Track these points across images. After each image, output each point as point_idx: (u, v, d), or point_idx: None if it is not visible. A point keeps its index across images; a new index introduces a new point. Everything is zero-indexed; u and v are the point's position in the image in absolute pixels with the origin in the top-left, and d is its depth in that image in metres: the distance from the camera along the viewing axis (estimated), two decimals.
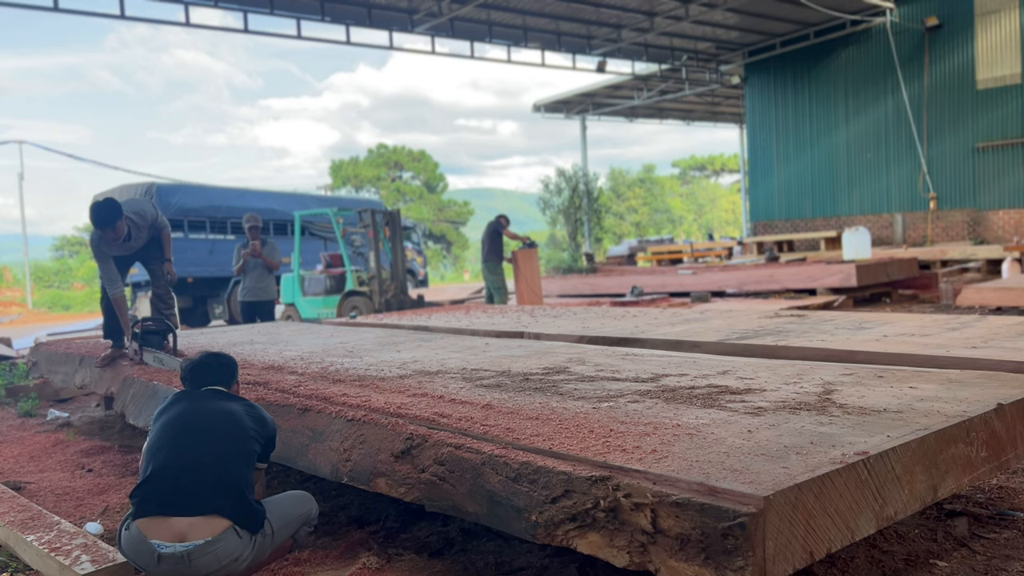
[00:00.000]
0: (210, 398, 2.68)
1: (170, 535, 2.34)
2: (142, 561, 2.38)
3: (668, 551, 1.68)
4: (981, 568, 2.43)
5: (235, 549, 2.38)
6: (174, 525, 2.34)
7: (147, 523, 2.37)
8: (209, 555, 2.33)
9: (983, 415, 2.19)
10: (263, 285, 8.28)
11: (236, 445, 2.53)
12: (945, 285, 10.12)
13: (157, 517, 2.36)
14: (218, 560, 2.34)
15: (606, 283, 13.14)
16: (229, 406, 2.64)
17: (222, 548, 2.35)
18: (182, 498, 2.37)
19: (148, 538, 2.34)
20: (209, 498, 2.38)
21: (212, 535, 2.34)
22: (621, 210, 52.34)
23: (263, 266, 8.21)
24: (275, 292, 8.60)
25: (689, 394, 2.63)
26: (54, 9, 12.16)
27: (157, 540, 2.33)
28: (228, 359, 2.88)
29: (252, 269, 8.20)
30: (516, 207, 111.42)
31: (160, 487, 2.40)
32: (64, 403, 6.69)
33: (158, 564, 2.33)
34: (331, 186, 44.13)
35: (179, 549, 2.32)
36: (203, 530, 2.34)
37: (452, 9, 15.22)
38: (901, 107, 16.55)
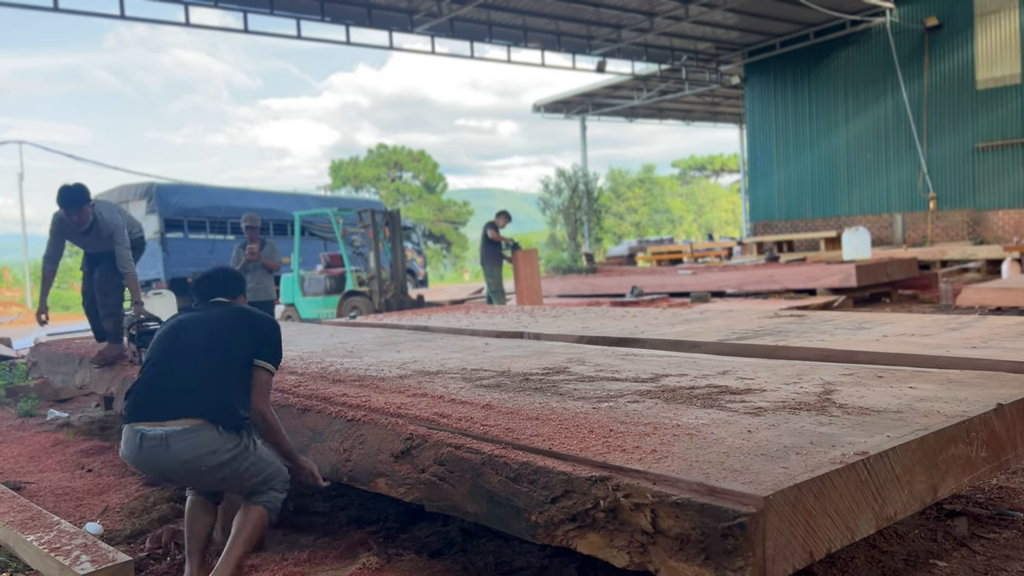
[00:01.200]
0: (208, 309, 2.85)
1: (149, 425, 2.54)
2: (130, 451, 2.57)
3: (668, 551, 1.68)
4: (981, 568, 2.43)
5: (212, 441, 2.51)
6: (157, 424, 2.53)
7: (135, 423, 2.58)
8: (185, 441, 2.48)
9: (983, 415, 2.19)
10: (263, 286, 8.25)
11: (220, 351, 2.68)
12: (945, 285, 10.12)
13: (145, 421, 2.55)
14: (194, 447, 2.48)
15: (606, 283, 13.14)
16: (223, 314, 2.80)
17: (198, 437, 2.49)
18: (164, 405, 2.55)
19: (133, 426, 2.55)
20: (189, 403, 2.54)
21: (188, 426, 2.51)
22: (621, 210, 52.34)
23: (263, 267, 8.19)
24: (274, 293, 8.59)
25: (689, 394, 2.63)
26: (54, 9, 12.16)
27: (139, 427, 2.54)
28: (236, 273, 3.05)
29: (252, 270, 8.19)
30: (516, 207, 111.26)
31: (145, 395, 2.61)
32: (64, 403, 6.69)
33: (140, 447, 2.52)
34: (331, 186, 44.12)
35: (158, 431, 2.50)
36: (184, 423, 2.52)
37: (452, 9, 15.22)
38: (901, 107, 16.55)
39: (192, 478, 2.60)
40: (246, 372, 2.68)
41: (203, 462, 2.50)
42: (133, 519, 3.49)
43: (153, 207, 14.58)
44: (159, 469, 2.55)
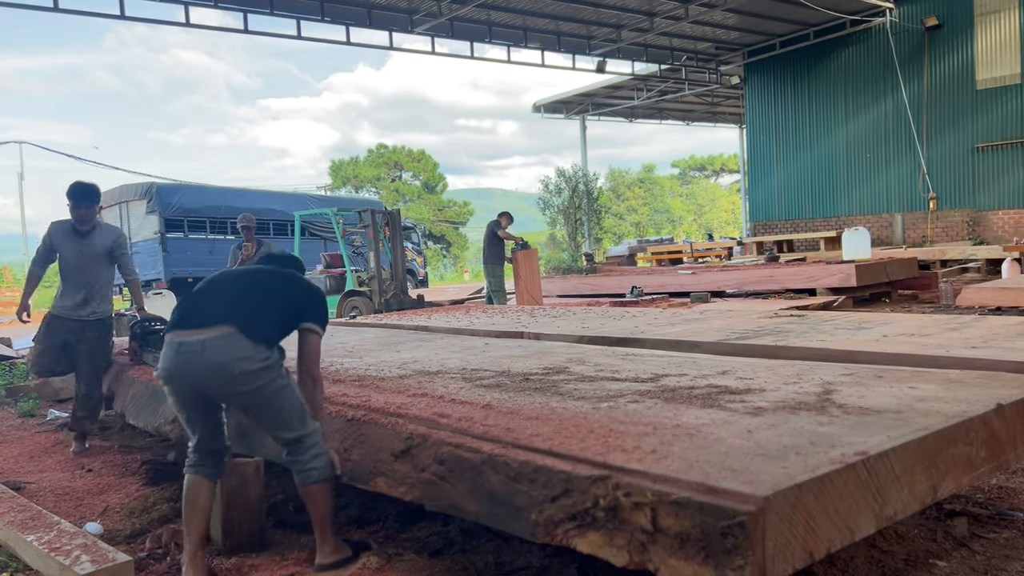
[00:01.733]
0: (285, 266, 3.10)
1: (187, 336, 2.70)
2: (167, 362, 2.73)
3: (668, 550, 1.68)
4: (981, 568, 2.43)
5: (246, 348, 2.66)
6: (193, 332, 2.70)
7: (175, 333, 2.74)
8: (220, 346, 2.65)
9: (983, 415, 2.19)
10: None
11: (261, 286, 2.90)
12: (945, 285, 10.11)
13: (183, 330, 2.72)
14: (228, 351, 2.64)
15: (606, 283, 13.13)
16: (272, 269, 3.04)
17: (232, 342, 2.66)
18: (201, 315, 2.74)
19: (171, 340, 2.73)
20: (223, 314, 2.72)
21: (219, 333, 2.68)
22: (621, 210, 52.33)
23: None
24: None
25: (689, 394, 2.63)
26: (54, 9, 12.16)
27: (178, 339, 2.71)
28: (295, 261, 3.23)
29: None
30: (516, 207, 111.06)
31: (185, 312, 2.80)
32: (64, 403, 6.69)
33: (177, 354, 2.69)
34: (331, 186, 44.11)
35: (195, 338, 2.67)
36: (216, 331, 2.68)
37: (452, 9, 15.22)
38: (901, 107, 16.55)
39: (226, 388, 2.71)
40: (283, 315, 2.84)
41: (236, 367, 2.64)
42: (133, 519, 3.49)
43: (153, 207, 14.58)
44: (193, 376, 2.69)
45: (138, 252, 14.89)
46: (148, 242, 14.70)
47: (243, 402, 2.73)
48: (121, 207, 15.34)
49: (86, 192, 4.79)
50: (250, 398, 2.70)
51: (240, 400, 2.73)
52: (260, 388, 2.67)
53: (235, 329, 2.67)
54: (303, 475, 2.72)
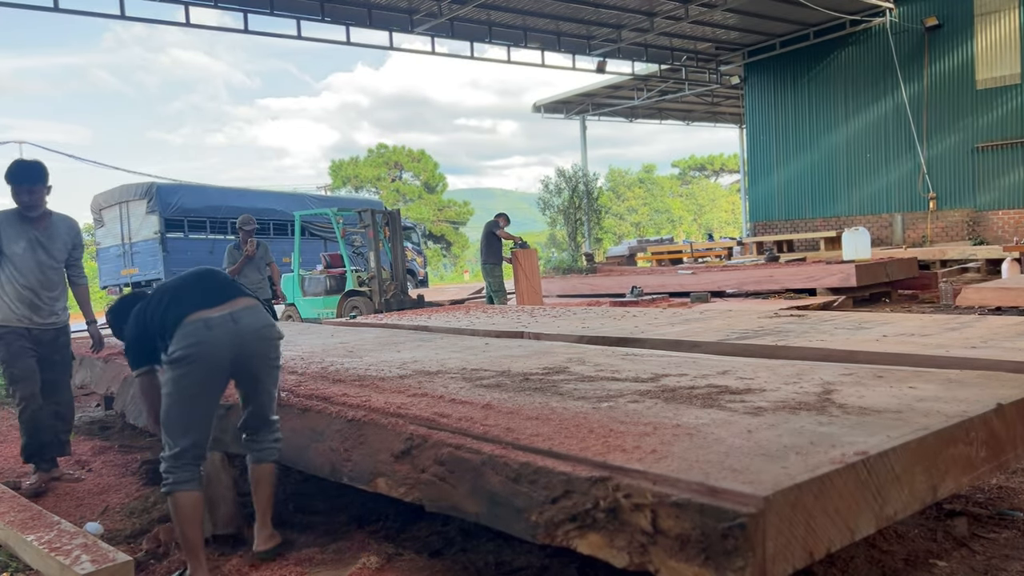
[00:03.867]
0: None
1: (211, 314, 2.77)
2: (195, 337, 2.71)
3: (668, 551, 1.68)
4: (981, 568, 2.43)
5: (267, 316, 2.89)
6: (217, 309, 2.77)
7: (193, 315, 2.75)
8: (250, 315, 2.82)
9: (983, 415, 2.19)
10: (260, 286, 8.27)
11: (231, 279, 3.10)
12: (945, 285, 10.11)
13: (201, 310, 2.75)
14: (258, 319, 2.84)
15: (606, 283, 13.13)
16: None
17: (259, 312, 2.86)
18: (219, 293, 2.84)
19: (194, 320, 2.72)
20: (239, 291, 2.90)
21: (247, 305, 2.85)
22: (621, 210, 52.35)
23: (256, 268, 8.21)
24: (270, 292, 8.57)
25: (689, 394, 2.63)
26: (54, 9, 12.15)
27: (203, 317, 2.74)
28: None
29: (248, 270, 8.20)
30: (516, 207, 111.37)
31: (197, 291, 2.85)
32: None
33: (209, 330, 2.72)
34: (331, 186, 44.10)
35: (223, 312, 2.77)
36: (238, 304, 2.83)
37: (452, 9, 15.22)
38: (901, 107, 16.55)
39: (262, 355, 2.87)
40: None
41: (270, 332, 2.88)
42: (133, 519, 3.49)
43: (153, 207, 14.58)
44: (228, 347, 2.74)
45: (138, 252, 14.91)
46: (148, 242, 14.71)
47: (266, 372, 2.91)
48: (121, 207, 15.34)
49: (30, 171, 4.05)
50: (272, 368, 2.93)
51: (264, 370, 2.90)
52: (279, 355, 2.98)
53: (256, 302, 2.90)
54: (263, 452, 2.95)
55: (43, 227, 4.15)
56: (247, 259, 8.11)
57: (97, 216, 16.10)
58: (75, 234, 4.36)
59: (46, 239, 4.15)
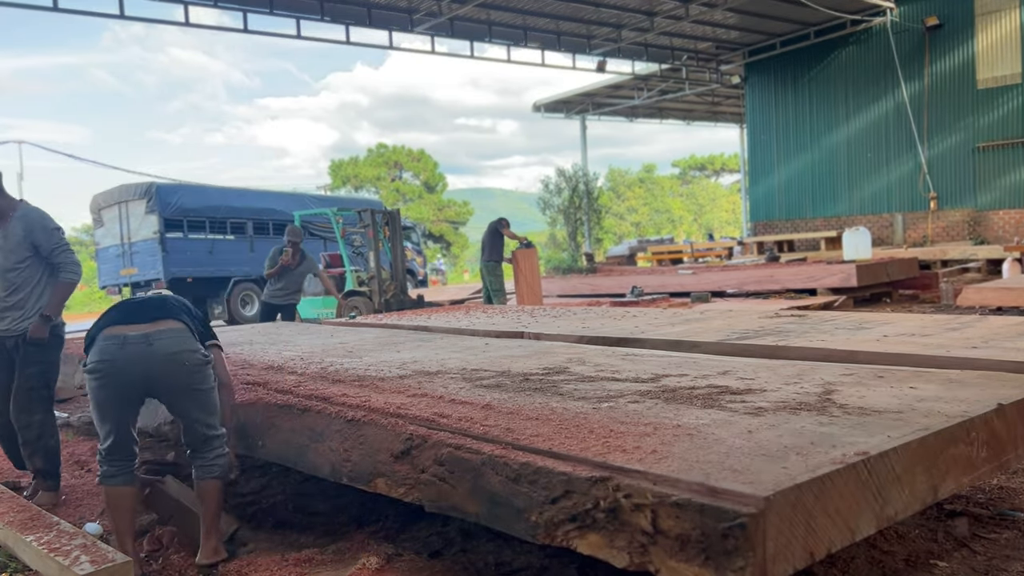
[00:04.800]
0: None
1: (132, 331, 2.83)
2: (108, 353, 2.79)
3: (668, 552, 1.67)
4: (981, 568, 2.43)
5: (189, 341, 2.90)
6: (134, 327, 2.83)
7: (109, 329, 2.84)
8: (167, 339, 2.83)
9: (983, 415, 2.18)
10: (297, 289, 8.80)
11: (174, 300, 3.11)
12: (945, 285, 10.11)
13: (122, 325, 2.83)
14: (174, 343, 2.84)
15: (606, 283, 13.13)
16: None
17: (178, 335, 2.86)
18: (143, 311, 2.90)
19: (113, 334, 2.81)
20: (164, 311, 2.92)
21: (170, 327, 2.87)
22: (621, 210, 52.36)
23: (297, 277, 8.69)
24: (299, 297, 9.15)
25: (689, 394, 2.62)
26: (54, 9, 12.16)
27: (122, 332, 2.81)
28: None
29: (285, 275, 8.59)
30: (516, 207, 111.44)
31: (122, 308, 2.93)
32: (63, 403, 6.68)
33: (122, 348, 2.78)
34: (331, 186, 44.11)
35: (140, 332, 2.81)
36: (161, 325, 2.86)
37: (452, 9, 15.22)
38: (901, 107, 16.55)
39: (173, 379, 2.86)
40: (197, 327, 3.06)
41: (185, 358, 2.85)
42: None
43: (153, 207, 14.57)
44: (139, 368, 2.79)
45: (138, 252, 14.89)
46: (148, 242, 14.69)
47: (185, 396, 2.90)
48: (120, 207, 15.33)
49: None
50: (193, 392, 2.90)
51: (183, 394, 2.90)
52: (203, 380, 2.92)
53: (181, 324, 2.91)
54: (206, 469, 2.96)
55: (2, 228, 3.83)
56: (283, 267, 8.48)
57: (96, 216, 16.09)
58: (31, 231, 3.84)
59: (3, 239, 3.82)
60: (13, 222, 3.84)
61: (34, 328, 3.85)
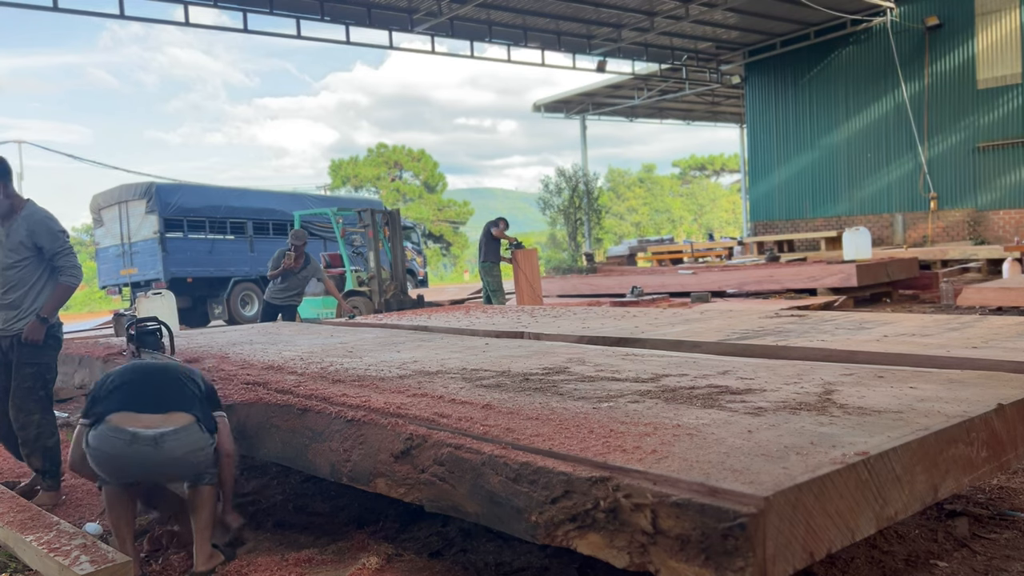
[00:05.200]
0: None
1: (142, 426, 2.71)
2: (112, 447, 2.71)
3: (668, 552, 1.67)
4: (981, 568, 2.43)
5: (199, 440, 2.81)
6: (144, 418, 2.72)
7: (119, 417, 2.71)
8: (177, 440, 2.73)
9: (984, 415, 2.18)
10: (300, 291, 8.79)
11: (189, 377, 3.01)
12: (945, 285, 10.11)
13: (129, 412, 2.71)
14: (183, 445, 2.75)
15: (606, 283, 13.13)
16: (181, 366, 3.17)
17: (188, 436, 2.76)
18: (150, 400, 2.77)
19: (122, 426, 2.70)
20: (175, 399, 2.81)
21: (179, 425, 2.75)
22: (621, 210, 52.37)
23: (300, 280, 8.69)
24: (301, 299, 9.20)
25: (689, 394, 2.62)
26: (54, 9, 12.16)
27: (132, 428, 2.70)
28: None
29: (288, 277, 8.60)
30: (516, 207, 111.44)
31: (130, 392, 2.81)
32: (63, 403, 6.68)
33: (130, 445, 2.70)
34: (331, 186, 44.12)
35: (151, 432, 2.70)
36: (172, 421, 2.74)
37: (452, 9, 15.22)
38: (901, 107, 16.55)
39: (174, 473, 2.85)
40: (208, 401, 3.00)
41: (192, 457, 2.78)
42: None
43: (153, 207, 14.57)
44: (143, 465, 2.75)
45: (138, 252, 14.89)
46: (148, 242, 14.69)
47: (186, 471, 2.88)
48: (120, 207, 15.33)
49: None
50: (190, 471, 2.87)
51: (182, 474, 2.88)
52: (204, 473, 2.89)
53: (191, 418, 2.80)
54: (198, 477, 2.91)
55: (5, 225, 3.83)
56: (286, 270, 8.49)
57: (96, 216, 16.09)
58: (35, 232, 3.82)
59: (5, 237, 3.82)
60: (18, 220, 3.83)
61: (30, 329, 3.81)
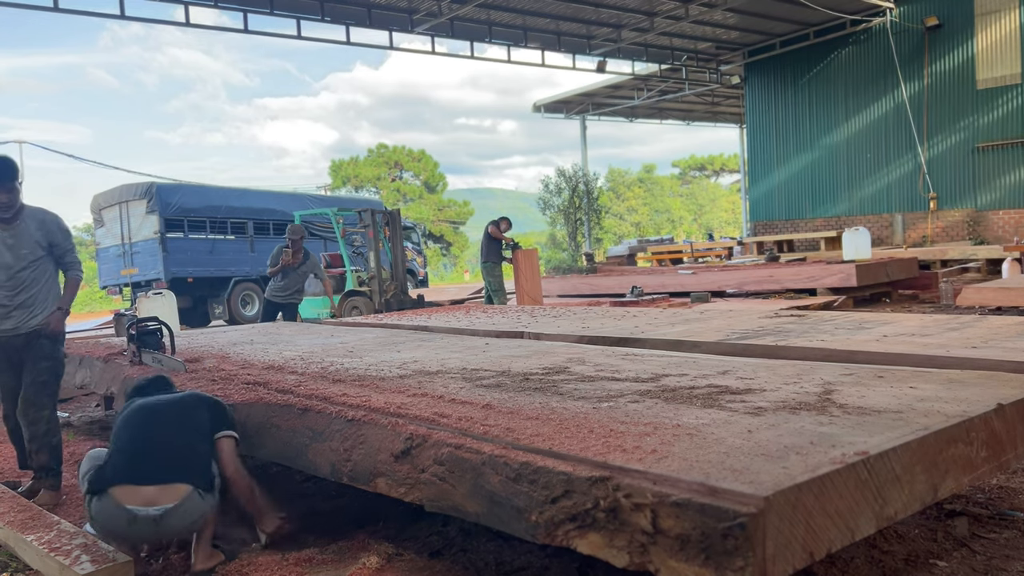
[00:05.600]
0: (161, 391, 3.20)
1: (141, 500, 2.67)
2: (114, 524, 2.70)
3: (668, 551, 1.67)
4: (981, 568, 2.43)
5: (198, 509, 2.76)
6: (144, 492, 2.68)
7: (120, 491, 2.68)
8: (176, 517, 2.70)
9: (983, 415, 2.18)
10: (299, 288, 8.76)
11: (191, 420, 2.95)
12: (945, 285, 10.11)
13: (129, 486, 2.67)
14: (183, 520, 2.72)
15: (606, 283, 13.13)
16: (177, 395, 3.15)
17: (188, 510, 2.72)
18: (150, 469, 2.73)
19: (123, 504, 2.66)
20: (174, 468, 2.75)
21: (178, 499, 2.70)
22: (621, 210, 52.37)
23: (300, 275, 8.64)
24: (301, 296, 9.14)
25: (689, 394, 2.63)
26: (54, 9, 12.16)
27: (131, 505, 2.66)
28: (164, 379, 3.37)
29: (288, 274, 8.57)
30: (516, 207, 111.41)
31: (130, 460, 2.76)
32: (64, 403, 6.69)
33: (130, 525, 2.67)
34: (331, 186, 44.11)
35: (151, 512, 2.66)
36: (170, 495, 2.69)
37: (452, 9, 15.22)
38: (901, 107, 16.55)
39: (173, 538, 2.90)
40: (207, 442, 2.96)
41: (192, 527, 2.78)
42: None
43: (153, 207, 14.57)
44: (143, 540, 2.80)
45: (138, 252, 14.89)
46: (148, 242, 14.69)
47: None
48: (121, 207, 15.33)
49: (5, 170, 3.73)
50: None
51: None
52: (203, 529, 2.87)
53: (191, 488, 2.74)
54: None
55: (12, 227, 3.82)
56: (285, 267, 8.48)
57: (97, 216, 16.10)
58: (49, 231, 3.91)
59: (13, 239, 3.82)
60: (24, 221, 3.86)
61: (55, 321, 3.93)
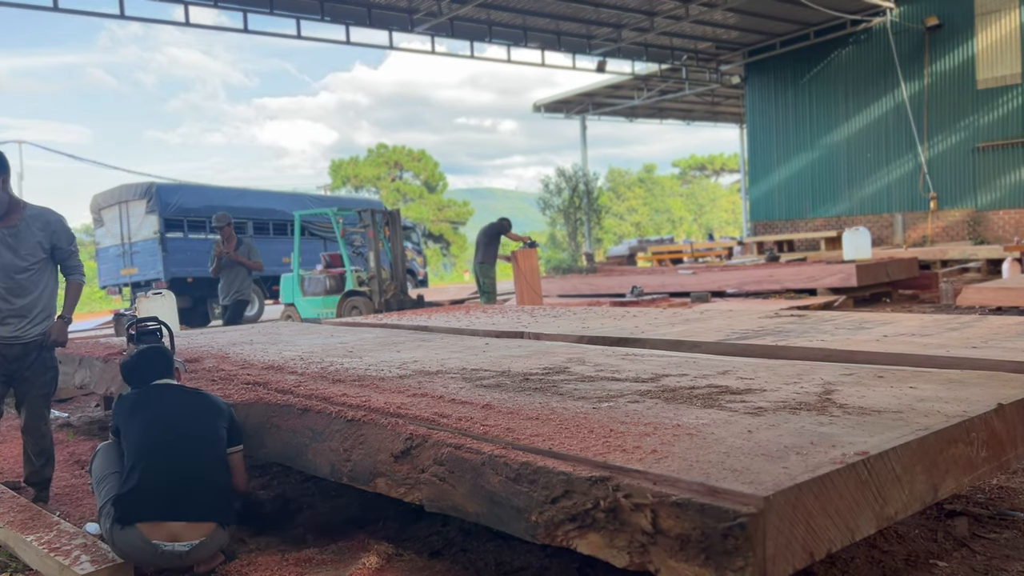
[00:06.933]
0: (171, 394, 3.07)
1: (166, 535, 2.64)
2: (140, 556, 2.67)
3: (668, 551, 1.67)
4: (981, 568, 2.43)
5: (221, 541, 2.78)
6: (170, 528, 2.65)
7: (146, 526, 2.64)
8: (202, 550, 2.71)
9: (983, 415, 2.18)
10: (237, 285, 8.35)
11: (213, 443, 2.92)
12: (945, 285, 10.11)
13: (156, 522, 2.64)
14: (207, 552, 2.73)
15: (606, 283, 13.13)
16: (191, 402, 3.04)
17: (212, 544, 2.73)
18: (177, 505, 2.69)
19: (149, 539, 2.63)
20: (201, 505, 2.73)
21: (204, 536, 2.69)
22: (621, 210, 52.38)
23: (237, 265, 8.29)
24: (251, 293, 8.66)
25: (689, 394, 2.62)
26: (54, 9, 12.16)
27: (157, 540, 2.63)
28: (163, 349, 3.30)
29: (226, 268, 8.30)
30: (516, 207, 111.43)
31: (156, 497, 2.69)
32: (64, 403, 6.69)
33: (155, 558, 2.65)
34: (331, 186, 44.12)
35: (178, 549, 2.64)
36: (195, 532, 2.68)
37: (452, 9, 15.22)
38: (901, 107, 16.55)
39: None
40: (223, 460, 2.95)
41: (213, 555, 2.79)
42: None
43: (153, 207, 14.57)
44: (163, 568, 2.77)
45: (138, 252, 14.89)
46: (148, 242, 14.69)
47: None
48: (120, 207, 15.33)
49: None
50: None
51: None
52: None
53: (215, 525, 2.72)
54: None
55: (10, 224, 3.65)
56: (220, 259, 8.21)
57: (96, 216, 16.10)
58: (54, 232, 3.76)
59: (13, 239, 3.64)
60: (26, 221, 3.70)
61: (58, 331, 3.82)
